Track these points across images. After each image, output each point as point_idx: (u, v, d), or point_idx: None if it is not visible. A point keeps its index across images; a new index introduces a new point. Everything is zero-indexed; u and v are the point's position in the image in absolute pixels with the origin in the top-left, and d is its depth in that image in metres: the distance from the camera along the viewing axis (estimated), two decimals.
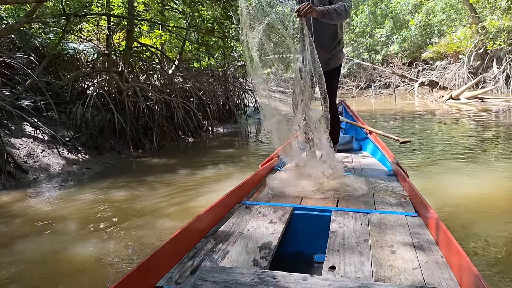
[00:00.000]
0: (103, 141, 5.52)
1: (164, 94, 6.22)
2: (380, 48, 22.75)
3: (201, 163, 4.75)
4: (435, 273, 1.28)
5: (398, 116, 9.69)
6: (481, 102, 10.71)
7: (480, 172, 3.74)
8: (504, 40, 13.87)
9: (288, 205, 1.97)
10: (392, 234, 1.60)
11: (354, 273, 1.29)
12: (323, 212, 1.90)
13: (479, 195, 3.08)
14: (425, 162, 4.33)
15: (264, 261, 1.39)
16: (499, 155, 4.60)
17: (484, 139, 5.71)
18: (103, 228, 2.71)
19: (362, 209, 1.93)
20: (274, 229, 1.68)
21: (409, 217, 1.79)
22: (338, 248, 1.48)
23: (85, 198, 3.44)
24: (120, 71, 6.54)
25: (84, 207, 3.21)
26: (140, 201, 3.29)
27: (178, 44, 9.02)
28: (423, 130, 7.09)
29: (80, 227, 2.78)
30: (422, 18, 19.64)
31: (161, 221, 2.80)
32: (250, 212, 1.91)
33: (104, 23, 7.67)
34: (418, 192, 1.93)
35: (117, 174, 4.36)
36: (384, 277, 1.26)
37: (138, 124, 5.75)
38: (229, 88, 9.39)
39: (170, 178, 4.00)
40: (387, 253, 1.43)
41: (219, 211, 1.83)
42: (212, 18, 7.42)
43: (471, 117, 8.54)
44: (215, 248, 1.50)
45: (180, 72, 7.69)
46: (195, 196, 3.34)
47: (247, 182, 2.26)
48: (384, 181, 2.50)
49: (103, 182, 4.03)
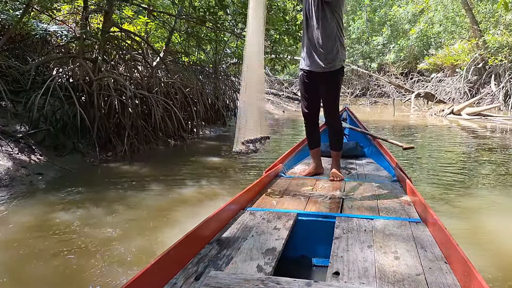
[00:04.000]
0: (64, 140, 4.62)
1: (143, 89, 5.34)
2: (376, 56, 22.27)
3: (180, 175, 3.91)
4: (438, 279, 1.28)
5: (403, 129, 9.04)
6: (484, 119, 10.18)
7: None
8: (505, 56, 13.46)
9: (292, 211, 1.97)
10: (395, 240, 1.61)
11: (358, 279, 1.29)
12: (327, 218, 1.90)
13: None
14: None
15: (268, 267, 1.39)
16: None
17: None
18: (22, 277, 1.87)
19: (365, 215, 1.94)
20: (278, 235, 1.68)
21: (412, 223, 1.80)
22: (342, 254, 1.48)
23: (14, 221, 2.57)
24: (93, 58, 5.64)
25: (7, 237, 2.34)
26: (90, 231, 2.45)
27: (165, 34, 8.13)
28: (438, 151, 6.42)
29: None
30: (423, 28, 19.20)
31: (110, 268, 1.97)
32: (254, 218, 1.90)
33: (81, 2, 6.75)
34: (422, 198, 1.93)
35: (73, 184, 3.50)
36: (388, 283, 1.26)
37: (109, 122, 4.87)
38: (220, 87, 8.55)
39: (138, 196, 3.16)
40: (390, 259, 1.44)
41: (223, 217, 1.82)
42: (205, 6, 6.59)
43: (481, 136, 7.95)
44: (219, 254, 1.50)
45: (165, 65, 6.81)
46: (164, 227, 2.53)
47: (251, 188, 2.25)
48: (388, 187, 2.51)
49: (51, 196, 3.17)
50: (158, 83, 5.87)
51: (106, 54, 5.85)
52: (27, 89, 5.01)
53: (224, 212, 1.82)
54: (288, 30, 6.90)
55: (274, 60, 7.65)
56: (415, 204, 2.06)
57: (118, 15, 7.62)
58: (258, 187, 2.40)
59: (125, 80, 5.80)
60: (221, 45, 8.56)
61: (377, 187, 2.50)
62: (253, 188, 2.30)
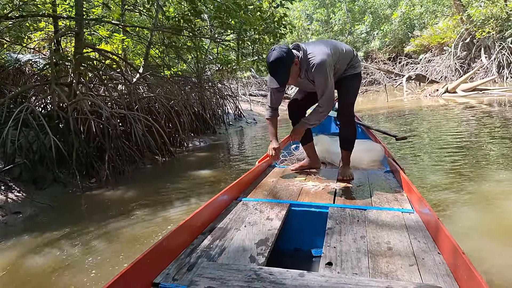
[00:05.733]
0: (43, 171, 4.34)
1: (122, 107, 5.08)
2: (361, 44, 22.12)
3: (167, 195, 3.63)
4: (432, 269, 1.27)
5: (398, 114, 8.79)
6: (482, 93, 9.93)
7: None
8: (492, 27, 13.28)
9: (285, 202, 1.97)
10: (388, 231, 1.60)
11: (351, 269, 1.28)
12: (320, 208, 1.89)
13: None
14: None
15: (261, 258, 1.38)
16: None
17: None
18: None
19: (359, 205, 1.93)
20: (271, 225, 1.67)
21: (405, 214, 1.79)
22: (335, 245, 1.47)
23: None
24: (68, 82, 5.39)
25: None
26: (64, 277, 2.17)
27: (144, 50, 7.89)
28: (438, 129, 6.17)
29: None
30: (405, 11, 19.03)
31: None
32: (247, 208, 1.89)
33: (51, 27, 6.51)
34: (415, 188, 1.92)
35: (51, 221, 3.22)
36: (381, 273, 1.25)
37: (89, 147, 4.60)
38: (205, 95, 8.30)
39: (119, 227, 2.88)
40: (383, 249, 1.43)
41: (216, 207, 1.80)
42: (178, 15, 6.35)
43: (481, 112, 7.71)
44: (212, 245, 1.49)
45: (145, 80, 6.55)
46: None
47: (244, 179, 2.22)
48: (381, 177, 2.49)
49: (26, 237, 2.89)
50: (138, 99, 5.60)
51: (81, 76, 5.59)
52: (1, 123, 4.75)
53: (216, 202, 1.80)
54: (267, 29, 6.68)
55: (257, 61, 7.42)
56: (408, 194, 2.05)
57: (93, 37, 7.40)
58: (251, 177, 2.38)
59: (104, 101, 5.54)
60: (202, 53, 8.32)
61: (370, 177, 2.49)
62: (246, 178, 2.27)
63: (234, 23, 6.48)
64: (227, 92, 9.54)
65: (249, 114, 10.45)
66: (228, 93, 9.51)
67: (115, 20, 6.28)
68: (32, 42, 7.46)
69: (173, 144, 6.04)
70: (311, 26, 24.06)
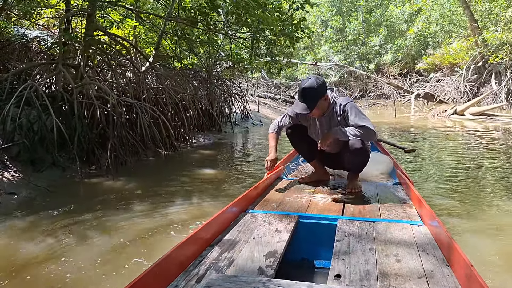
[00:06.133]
0: (43, 153, 4.20)
1: (129, 96, 4.94)
2: (373, 57, 22.00)
3: (168, 191, 3.50)
4: (440, 282, 1.26)
5: (406, 132, 8.67)
6: (490, 118, 9.82)
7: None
8: (506, 53, 13.17)
9: (293, 214, 1.97)
10: (397, 243, 1.59)
11: (360, 282, 1.27)
12: (329, 220, 1.89)
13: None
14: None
15: (270, 270, 1.36)
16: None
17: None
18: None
19: (367, 217, 1.92)
20: (279, 237, 1.66)
21: (414, 226, 1.78)
22: (344, 257, 1.46)
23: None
24: (76, 64, 5.25)
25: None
26: (56, 267, 2.04)
27: (155, 39, 7.75)
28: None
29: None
30: (422, 27, 18.92)
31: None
32: (256, 220, 1.89)
33: (63, 5, 6.36)
34: (424, 201, 1.92)
35: (47, 206, 3.08)
36: (390, 286, 1.24)
37: (92, 133, 4.46)
38: (214, 92, 8.16)
39: (117, 220, 2.75)
40: (392, 262, 1.42)
41: (224, 219, 1.80)
42: (195, 7, 6.22)
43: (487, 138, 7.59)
44: (220, 257, 1.48)
45: (155, 70, 6.41)
46: (142, 258, 2.11)
47: (252, 191, 2.23)
48: (389, 189, 2.49)
49: (20, 221, 2.75)
50: (146, 89, 5.46)
51: (89, 59, 5.45)
52: (3, 99, 4.60)
53: (225, 214, 1.80)
54: (284, 31, 6.54)
55: (270, 63, 7.29)
56: (417, 206, 2.04)
57: (105, 20, 7.25)
58: (260, 189, 2.39)
59: (111, 87, 5.40)
60: (214, 48, 8.19)
61: (378, 189, 2.48)
62: (255, 190, 2.27)
63: (251, 21, 6.35)
64: (236, 91, 9.41)
65: (256, 115, 10.32)
66: (237, 92, 9.38)
67: (129, 5, 6.14)
68: (42, 18, 7.31)
69: (177, 138, 5.91)
70: (325, 33, 23.93)
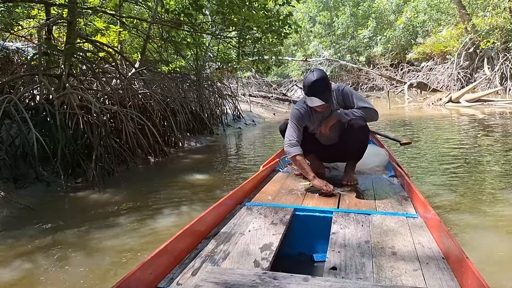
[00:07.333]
0: (25, 168, 4.03)
1: (115, 103, 4.77)
2: (363, 49, 21.92)
3: (156, 201, 3.33)
4: (436, 274, 1.27)
5: (403, 123, 8.55)
6: (486, 104, 9.73)
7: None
8: (497, 38, 13.11)
9: (289, 206, 1.96)
10: (393, 235, 1.59)
11: (355, 274, 1.27)
12: (324, 213, 1.88)
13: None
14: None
15: (266, 262, 1.37)
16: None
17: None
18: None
19: (363, 210, 1.91)
20: (275, 230, 1.66)
21: (410, 218, 1.78)
22: (339, 249, 1.47)
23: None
24: (58, 74, 5.07)
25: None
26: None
27: (141, 43, 7.57)
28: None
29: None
30: (410, 16, 18.84)
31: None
32: (251, 213, 1.88)
33: (43, 15, 6.18)
34: (419, 193, 1.91)
35: (28, 225, 2.91)
36: (385, 278, 1.25)
37: (76, 144, 4.29)
38: (204, 94, 8.00)
39: (101, 236, 2.58)
40: (388, 254, 1.42)
41: (220, 212, 1.79)
42: (179, 8, 6.06)
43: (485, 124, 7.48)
44: (216, 249, 1.48)
45: (140, 75, 6.24)
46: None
47: (248, 183, 2.22)
48: (385, 182, 2.49)
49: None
50: (132, 95, 5.29)
51: (72, 68, 5.27)
52: None
53: (221, 207, 1.79)
54: (271, 27, 6.40)
55: (257, 61, 7.15)
56: (413, 199, 2.04)
57: (89, 27, 7.06)
58: (255, 182, 2.38)
59: (96, 95, 5.23)
60: (201, 50, 8.02)
61: (374, 182, 2.47)
62: (250, 183, 2.27)
63: (236, 19, 6.20)
64: (226, 92, 9.25)
65: (248, 115, 10.17)
66: (228, 93, 9.23)
67: (111, 11, 5.97)
68: (23, 29, 7.12)
69: (167, 143, 5.74)
70: (314, 28, 23.83)
